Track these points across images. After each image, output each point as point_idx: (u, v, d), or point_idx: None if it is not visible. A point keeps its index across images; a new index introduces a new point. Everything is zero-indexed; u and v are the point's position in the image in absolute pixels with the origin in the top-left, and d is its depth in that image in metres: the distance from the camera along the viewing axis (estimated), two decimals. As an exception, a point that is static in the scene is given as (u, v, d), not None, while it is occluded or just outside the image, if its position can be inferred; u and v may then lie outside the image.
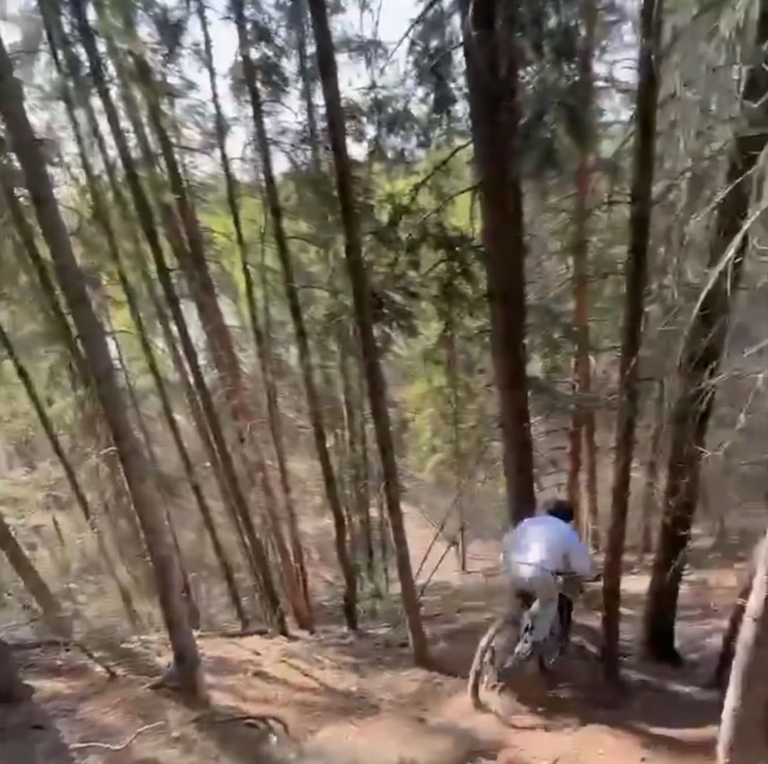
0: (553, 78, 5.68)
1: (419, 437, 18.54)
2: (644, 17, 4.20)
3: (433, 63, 6.66)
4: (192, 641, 5.09)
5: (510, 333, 6.87)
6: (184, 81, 10.72)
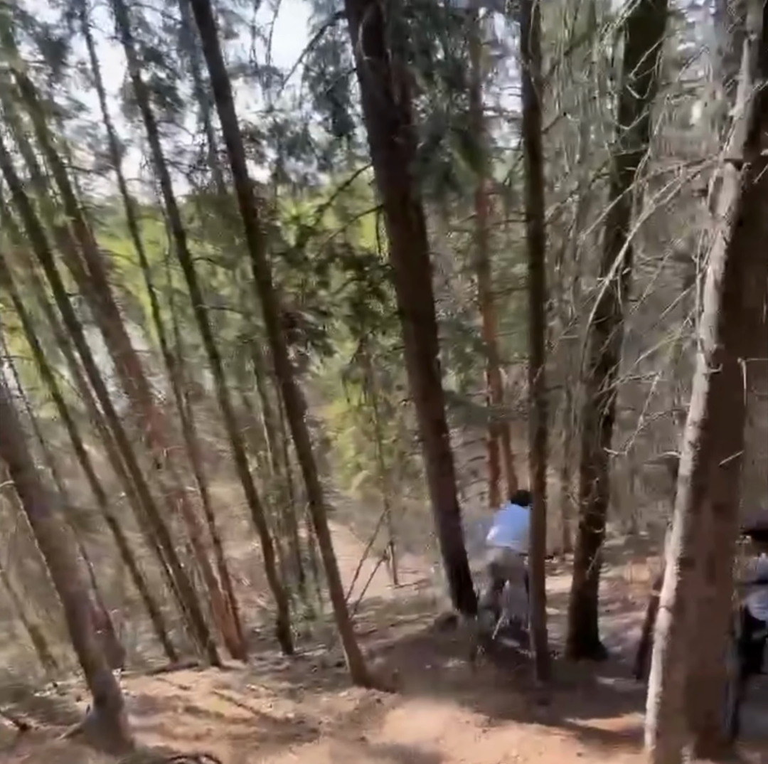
0: (445, 106, 5.85)
1: (343, 455, 18.49)
2: (524, 51, 4.42)
3: (328, 88, 6.68)
4: (112, 681, 4.82)
5: (423, 349, 7.00)
6: (73, 101, 10.21)
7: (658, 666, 3.31)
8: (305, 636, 11.42)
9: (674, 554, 3.07)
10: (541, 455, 5.33)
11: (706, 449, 2.79)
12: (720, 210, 2.43)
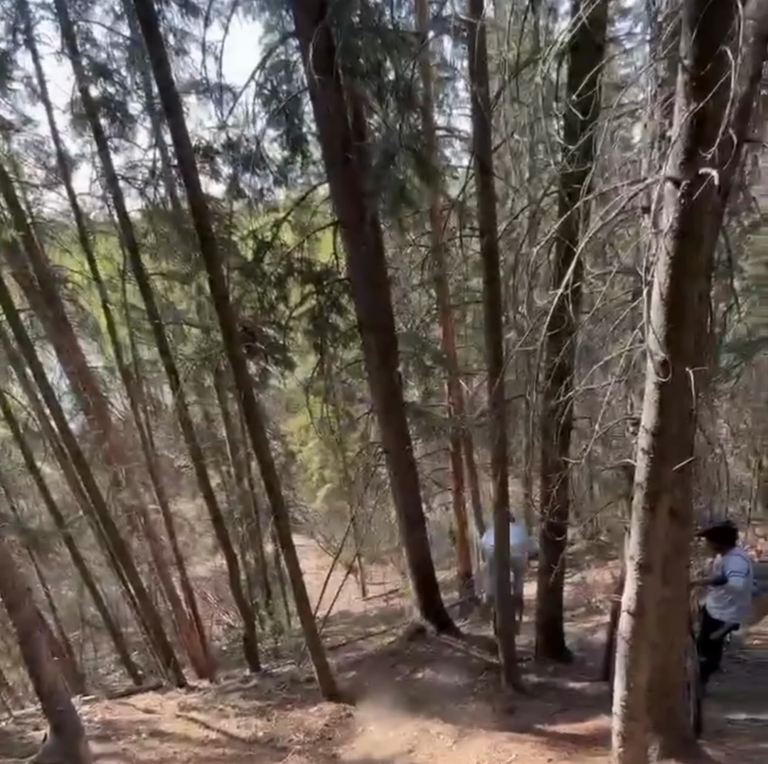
0: (398, 125, 5.89)
1: (307, 468, 18.29)
2: (471, 74, 4.49)
3: (281, 106, 6.64)
4: (71, 708, 4.54)
5: (383, 362, 7.00)
6: (19, 115, 9.86)
7: (621, 670, 3.35)
8: (274, 652, 11.18)
9: (633, 559, 3.12)
10: (503, 465, 5.38)
11: (658, 455, 2.84)
12: (662, 226, 2.50)
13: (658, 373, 2.67)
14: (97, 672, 14.35)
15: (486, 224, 4.94)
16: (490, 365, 5.25)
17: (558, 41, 3.30)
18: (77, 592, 13.10)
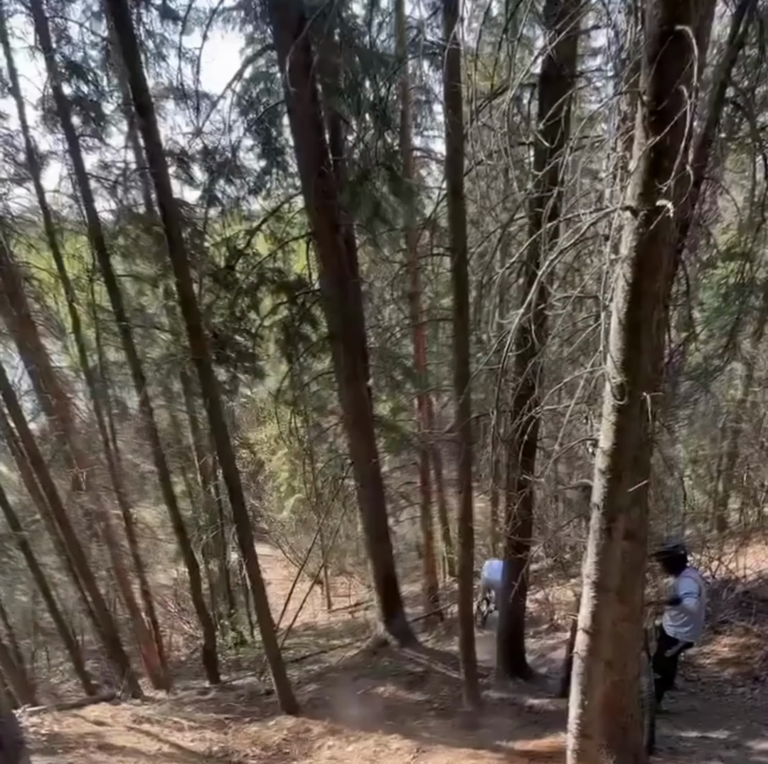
0: (374, 143, 5.95)
1: (276, 478, 18.06)
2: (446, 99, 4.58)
3: (258, 116, 6.64)
4: (12, 721, 4.30)
5: (353, 374, 7.00)
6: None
7: (576, 688, 3.37)
8: (234, 664, 10.96)
9: (588, 578, 3.16)
10: (468, 481, 5.41)
11: (614, 476, 2.89)
12: (621, 253, 2.58)
13: (615, 396, 2.72)
14: (50, 681, 13.83)
15: (456, 243, 5.01)
16: (457, 382, 5.30)
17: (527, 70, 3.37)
18: (31, 598, 12.65)
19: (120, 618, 11.32)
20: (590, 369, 3.22)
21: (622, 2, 2.86)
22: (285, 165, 7.18)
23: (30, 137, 9.07)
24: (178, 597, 13.17)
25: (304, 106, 5.92)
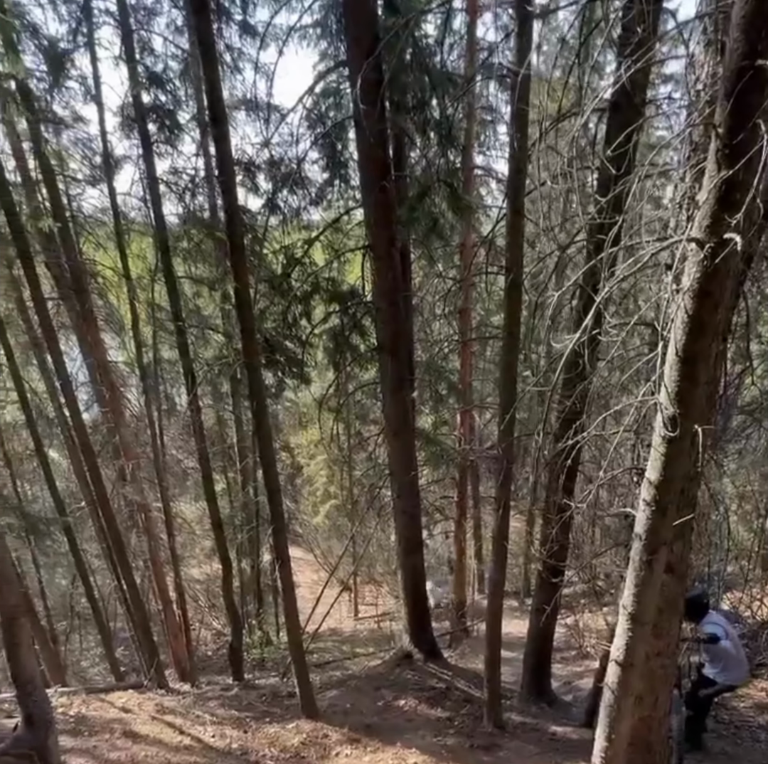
0: (437, 160, 6.07)
1: (313, 482, 18.33)
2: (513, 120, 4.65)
3: (325, 130, 6.87)
4: (45, 700, 4.52)
5: (398, 386, 7.09)
6: (71, 112, 10.24)
7: (604, 721, 3.32)
8: (259, 663, 11.10)
9: (625, 609, 3.12)
10: (506, 501, 5.40)
11: (660, 508, 2.87)
12: (683, 284, 2.58)
13: (666, 427, 2.71)
14: (80, 664, 14.29)
15: (512, 262, 5.05)
16: (502, 400, 5.31)
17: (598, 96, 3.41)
18: (70, 582, 13.12)
19: (152, 608, 11.60)
20: (641, 398, 3.20)
21: (702, 34, 2.88)
22: (347, 178, 7.38)
23: (107, 142, 9.63)
24: (209, 593, 13.44)
25: (372, 122, 6.08)
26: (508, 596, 12.91)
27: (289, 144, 7.33)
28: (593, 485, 3.66)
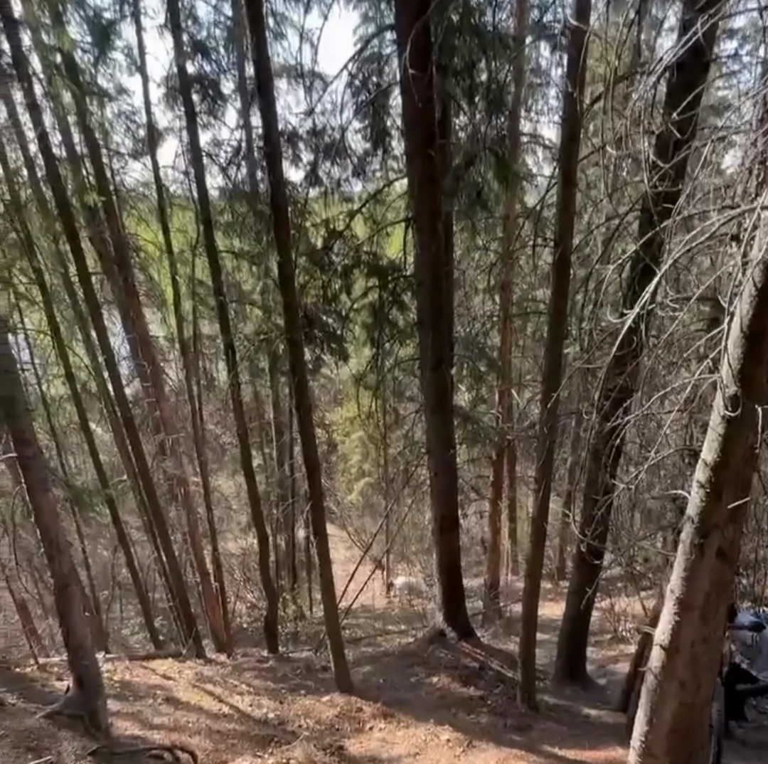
0: (484, 127, 5.94)
1: (348, 459, 18.56)
2: (570, 80, 4.50)
3: (370, 98, 6.79)
4: (94, 665, 4.82)
5: (437, 363, 7.06)
6: (115, 84, 10.40)
7: (646, 705, 3.31)
8: (293, 637, 11.42)
9: (673, 593, 3.08)
10: (547, 481, 5.37)
11: (714, 490, 2.80)
12: (752, 256, 2.47)
13: (726, 406, 2.63)
14: (121, 632, 14.95)
15: (562, 235, 4.95)
16: (547, 377, 5.25)
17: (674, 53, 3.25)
18: (111, 552, 13.63)
19: (190, 580, 12.01)
20: (698, 376, 3.11)
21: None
22: (390, 148, 7.32)
23: (151, 113, 9.75)
24: (244, 567, 13.84)
25: (419, 89, 5.97)
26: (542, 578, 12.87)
27: (331, 112, 7.30)
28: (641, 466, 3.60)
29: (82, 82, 9.31)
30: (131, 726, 5.28)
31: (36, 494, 4.34)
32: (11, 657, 8.51)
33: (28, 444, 4.27)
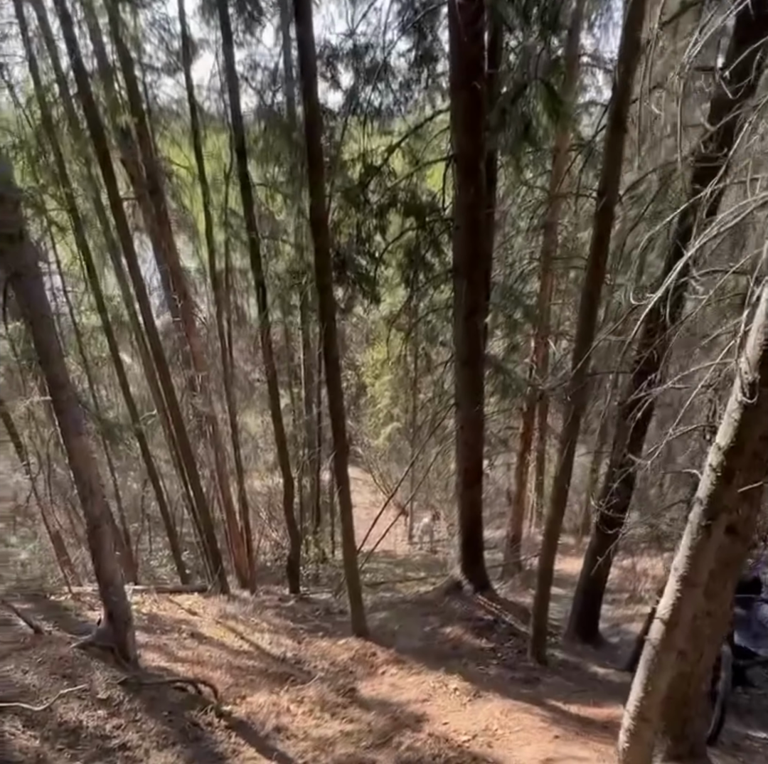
0: (537, 51, 5.72)
1: (377, 403, 18.85)
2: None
3: (416, 18, 6.59)
4: (124, 600, 5.32)
5: (471, 313, 7.12)
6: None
7: (642, 674, 3.55)
8: (314, 578, 12.11)
9: (677, 570, 3.25)
10: (572, 442, 5.52)
11: (725, 474, 2.90)
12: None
13: (744, 393, 2.71)
14: (150, 563, 16.04)
15: (606, 185, 4.87)
16: (579, 336, 5.30)
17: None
18: (141, 486, 14.46)
19: (217, 517, 12.72)
20: (720, 360, 3.16)
21: None
22: (435, 75, 7.13)
23: (186, 25, 9.60)
24: (269, 506, 14.56)
25: (467, 9, 5.78)
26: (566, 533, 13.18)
27: (374, 33, 7.09)
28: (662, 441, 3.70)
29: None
30: (158, 658, 5.85)
31: (70, 438, 4.69)
32: (46, 585, 9.21)
33: (62, 388, 4.57)
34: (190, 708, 4.88)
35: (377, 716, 5.25)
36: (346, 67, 8.23)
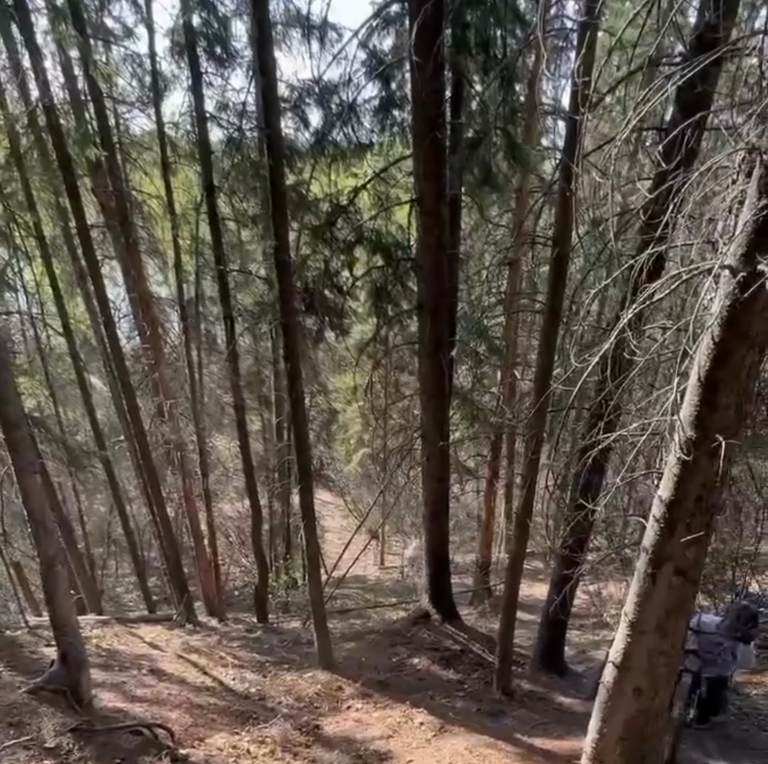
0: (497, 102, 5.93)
1: (348, 429, 18.93)
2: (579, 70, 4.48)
3: (380, 69, 6.75)
4: (78, 641, 5.13)
5: (436, 349, 7.24)
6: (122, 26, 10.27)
7: (597, 716, 3.62)
8: (283, 606, 11.96)
9: (627, 616, 3.34)
10: (533, 478, 5.64)
11: (668, 526, 3.01)
12: (713, 309, 2.62)
13: (681, 449, 2.82)
14: (116, 590, 15.66)
15: (560, 234, 5.04)
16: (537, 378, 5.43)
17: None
18: (108, 510, 14.14)
19: (185, 543, 12.52)
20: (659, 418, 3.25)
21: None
22: (399, 122, 7.29)
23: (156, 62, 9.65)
24: (240, 530, 14.37)
25: (429, 63, 5.94)
26: (534, 557, 13.36)
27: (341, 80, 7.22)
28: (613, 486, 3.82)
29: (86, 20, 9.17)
30: (114, 698, 5.61)
31: (24, 477, 4.56)
32: (3, 619, 8.87)
33: (17, 427, 4.45)
34: (144, 753, 4.63)
35: (341, 755, 5.18)
36: (315, 109, 8.39)
